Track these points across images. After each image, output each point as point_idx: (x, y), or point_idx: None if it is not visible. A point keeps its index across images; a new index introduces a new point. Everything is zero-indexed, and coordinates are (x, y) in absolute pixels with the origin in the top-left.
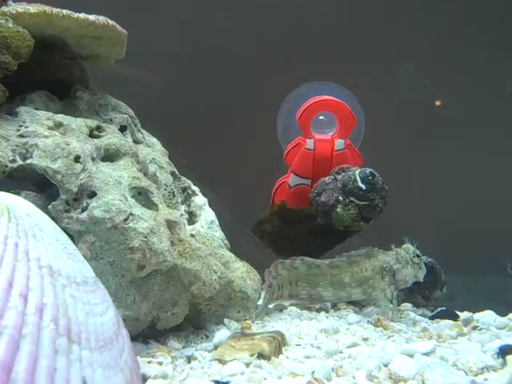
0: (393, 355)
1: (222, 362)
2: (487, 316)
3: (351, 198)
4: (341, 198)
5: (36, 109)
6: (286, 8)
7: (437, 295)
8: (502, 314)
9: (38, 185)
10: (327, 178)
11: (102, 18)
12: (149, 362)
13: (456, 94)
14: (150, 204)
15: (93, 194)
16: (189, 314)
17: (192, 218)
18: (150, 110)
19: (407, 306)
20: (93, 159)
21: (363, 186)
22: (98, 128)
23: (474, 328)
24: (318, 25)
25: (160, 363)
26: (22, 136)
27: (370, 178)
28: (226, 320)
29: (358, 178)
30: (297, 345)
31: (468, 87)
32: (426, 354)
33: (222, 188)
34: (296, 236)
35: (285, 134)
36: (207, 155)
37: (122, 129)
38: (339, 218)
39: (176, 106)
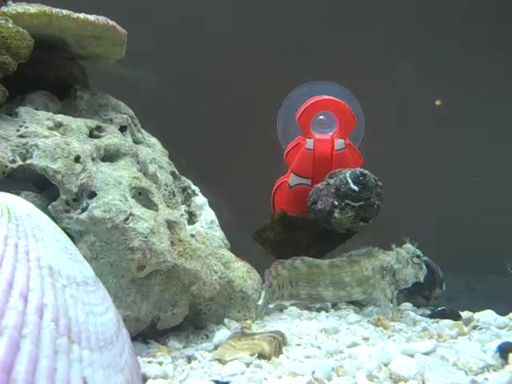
0: (393, 355)
1: (222, 361)
2: (487, 315)
3: (346, 201)
4: (336, 202)
5: (36, 109)
6: (286, 8)
7: (437, 293)
8: (503, 313)
9: (38, 185)
10: (320, 184)
11: (101, 18)
12: (149, 362)
13: (456, 93)
14: (150, 204)
15: (93, 194)
16: (189, 314)
17: (192, 217)
18: (150, 110)
19: (407, 305)
20: (93, 159)
21: (356, 188)
22: (98, 128)
23: (475, 327)
24: (318, 25)
25: (160, 363)
26: (21, 136)
27: (361, 178)
28: (226, 320)
29: (350, 180)
30: (297, 345)
31: (468, 87)
32: (427, 354)
33: (221, 188)
34: (298, 241)
35: (285, 134)
36: (207, 155)
37: (122, 129)
38: (338, 222)
39: (176, 106)
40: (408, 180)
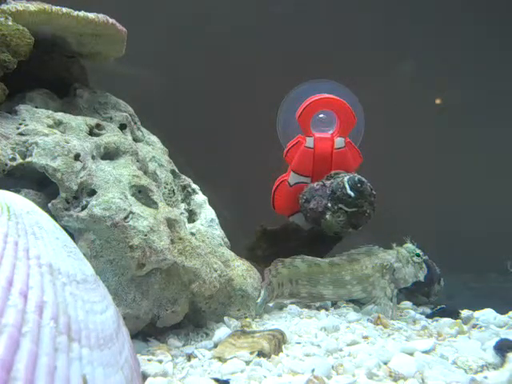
0: (393, 353)
1: (222, 359)
2: (487, 314)
3: (340, 205)
4: (329, 204)
5: (36, 107)
6: (285, 7)
7: (436, 289)
8: (502, 312)
9: (37, 183)
10: (316, 184)
11: (101, 16)
12: (149, 360)
13: (456, 93)
14: (149, 202)
15: (93, 192)
16: (189, 312)
17: (192, 216)
18: (150, 109)
19: (407, 304)
20: (93, 157)
21: (352, 194)
22: (98, 126)
23: (474, 326)
24: (318, 24)
25: (160, 361)
26: (21, 134)
27: (359, 185)
28: (225, 318)
29: (347, 186)
30: (297, 343)
31: (468, 86)
32: (426, 352)
33: (221, 186)
34: (289, 252)
35: (285, 133)
36: (207, 153)
37: (122, 127)
38: (328, 224)
39: (176, 105)
40: (408, 179)
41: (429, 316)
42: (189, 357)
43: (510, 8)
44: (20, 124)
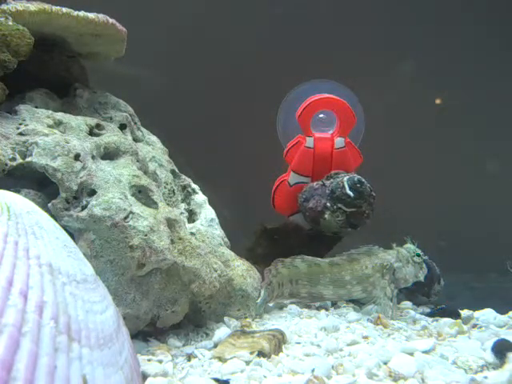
0: (393, 353)
1: (221, 359)
2: (487, 314)
3: (339, 205)
4: (329, 204)
5: (36, 107)
6: (286, 7)
7: (436, 289)
8: (502, 312)
9: (37, 183)
10: (315, 183)
11: (101, 16)
12: (149, 360)
13: (456, 93)
14: (150, 202)
15: (93, 192)
16: (189, 312)
17: (192, 216)
18: (150, 109)
19: (407, 304)
20: (93, 157)
21: (351, 193)
22: (98, 126)
23: (474, 326)
24: (318, 24)
25: (160, 361)
26: (21, 134)
27: (358, 185)
28: (225, 318)
29: (346, 185)
30: (297, 343)
31: (468, 86)
32: (426, 352)
33: (221, 186)
34: (289, 251)
35: (285, 133)
36: (207, 153)
37: (122, 127)
38: (327, 224)
39: (176, 105)
40: (408, 179)
41: (429, 315)
42: (189, 357)
43: (510, 8)
44: (20, 124)
